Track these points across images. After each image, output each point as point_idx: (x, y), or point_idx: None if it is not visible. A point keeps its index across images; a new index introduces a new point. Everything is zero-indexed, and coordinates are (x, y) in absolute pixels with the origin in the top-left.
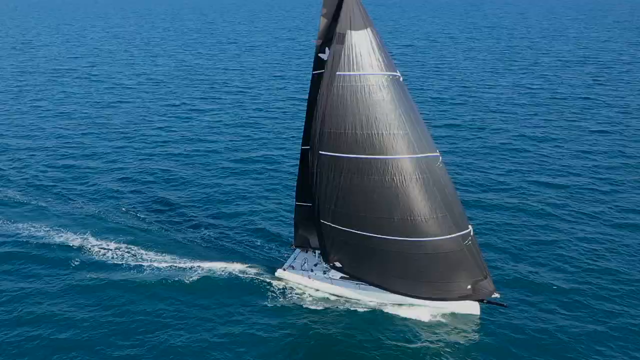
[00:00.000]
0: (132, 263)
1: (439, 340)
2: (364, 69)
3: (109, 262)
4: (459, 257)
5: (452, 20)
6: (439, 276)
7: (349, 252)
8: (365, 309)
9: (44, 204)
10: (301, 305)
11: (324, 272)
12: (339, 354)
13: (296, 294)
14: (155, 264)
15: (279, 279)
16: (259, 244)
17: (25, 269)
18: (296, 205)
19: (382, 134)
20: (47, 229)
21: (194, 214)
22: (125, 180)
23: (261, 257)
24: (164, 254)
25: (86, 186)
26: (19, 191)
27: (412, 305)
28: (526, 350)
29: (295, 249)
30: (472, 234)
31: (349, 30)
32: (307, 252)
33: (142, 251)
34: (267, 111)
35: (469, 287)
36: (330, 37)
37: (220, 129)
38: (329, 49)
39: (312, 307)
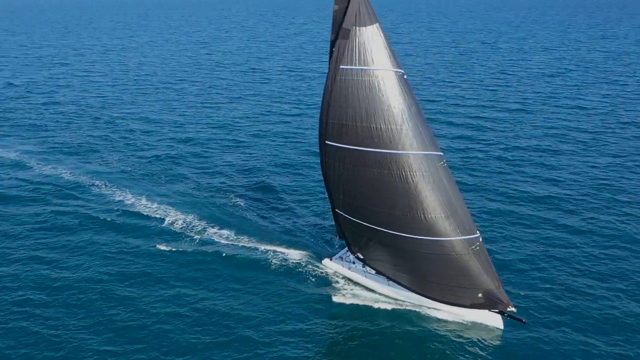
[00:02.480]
0: (189, 234)
1: (452, 347)
2: (366, 63)
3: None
4: (466, 261)
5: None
6: (448, 279)
7: (365, 244)
8: (390, 306)
9: (126, 174)
10: (331, 296)
11: (363, 265)
12: (351, 347)
13: (335, 283)
14: (212, 238)
15: (325, 267)
16: (319, 233)
17: (78, 224)
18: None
19: (381, 127)
20: (117, 192)
21: (261, 200)
22: (201, 166)
23: (318, 245)
24: (223, 231)
25: (165, 166)
26: (117, 161)
27: (434, 309)
28: None
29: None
30: (480, 240)
31: (354, 26)
32: None
33: (200, 225)
34: None
35: (480, 295)
36: None
37: (315, 125)
38: None
39: (344, 300)
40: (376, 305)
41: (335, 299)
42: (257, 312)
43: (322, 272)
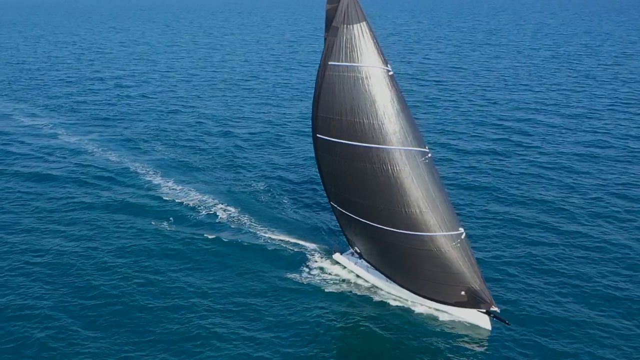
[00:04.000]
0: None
1: (432, 344)
2: (352, 60)
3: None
4: (447, 258)
5: None
6: (431, 275)
7: (358, 237)
8: (384, 302)
9: (165, 162)
10: (356, 294)
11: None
12: (338, 339)
13: (343, 276)
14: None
15: (335, 262)
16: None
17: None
18: None
19: (364, 122)
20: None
21: (284, 191)
22: (236, 158)
23: (332, 239)
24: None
25: (203, 156)
26: (162, 150)
27: (422, 305)
28: None
29: None
30: (462, 237)
31: (342, 24)
32: None
33: (211, 208)
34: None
35: (463, 293)
36: None
37: None
38: None
39: (344, 292)
40: (348, 291)
41: (307, 281)
42: (220, 284)
43: (313, 260)
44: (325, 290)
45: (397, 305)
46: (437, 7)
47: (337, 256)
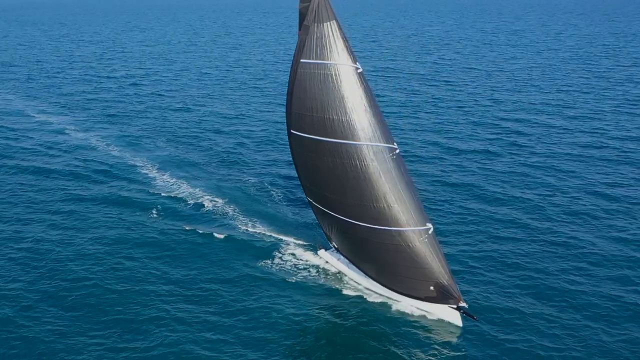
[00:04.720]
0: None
1: (383, 330)
2: (322, 57)
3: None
4: (415, 252)
5: None
6: (401, 270)
7: (333, 232)
8: (346, 290)
9: (162, 157)
10: (319, 283)
11: None
12: (294, 323)
13: (312, 264)
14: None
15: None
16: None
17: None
18: None
19: (332, 118)
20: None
21: (278, 189)
22: (234, 153)
23: (320, 237)
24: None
25: (203, 152)
26: (162, 147)
27: (394, 299)
28: None
29: None
30: (430, 232)
31: (313, 23)
32: None
33: (198, 202)
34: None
35: (432, 288)
36: None
37: None
38: None
39: (309, 280)
40: (313, 279)
41: (276, 269)
42: (190, 271)
43: (286, 251)
44: (291, 279)
45: (356, 295)
46: (463, 8)
47: (322, 252)
